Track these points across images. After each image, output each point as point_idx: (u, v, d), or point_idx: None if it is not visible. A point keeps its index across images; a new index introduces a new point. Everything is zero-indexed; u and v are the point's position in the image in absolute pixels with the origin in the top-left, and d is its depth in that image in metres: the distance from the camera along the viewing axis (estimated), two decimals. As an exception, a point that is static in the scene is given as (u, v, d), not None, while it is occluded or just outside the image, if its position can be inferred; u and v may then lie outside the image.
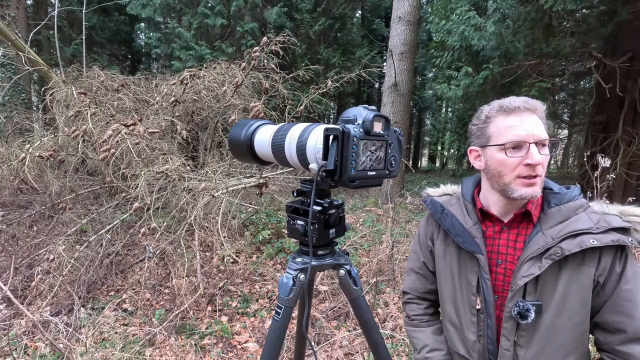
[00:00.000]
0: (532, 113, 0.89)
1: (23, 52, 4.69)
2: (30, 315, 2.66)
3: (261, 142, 1.04)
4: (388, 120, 0.90)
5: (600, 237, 0.80)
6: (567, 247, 0.81)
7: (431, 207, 1.07)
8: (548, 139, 0.88)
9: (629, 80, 5.36)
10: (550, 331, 0.85)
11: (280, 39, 3.74)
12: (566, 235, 0.83)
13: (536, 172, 0.86)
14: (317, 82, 4.26)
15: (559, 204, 0.89)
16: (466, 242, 0.96)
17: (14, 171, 3.54)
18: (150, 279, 3.39)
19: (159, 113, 4.09)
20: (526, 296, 0.87)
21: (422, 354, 1.09)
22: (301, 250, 1.06)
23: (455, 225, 0.99)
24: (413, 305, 1.17)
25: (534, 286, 0.86)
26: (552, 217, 0.88)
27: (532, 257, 0.85)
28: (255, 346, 2.67)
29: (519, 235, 0.92)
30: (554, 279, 0.84)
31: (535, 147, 0.86)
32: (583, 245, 0.80)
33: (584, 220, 0.84)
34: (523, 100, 0.90)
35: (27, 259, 3.51)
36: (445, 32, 6.19)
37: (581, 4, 4.89)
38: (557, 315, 0.84)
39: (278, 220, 4.55)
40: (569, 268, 0.83)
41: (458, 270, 0.99)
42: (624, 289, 0.80)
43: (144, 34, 13.90)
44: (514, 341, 0.89)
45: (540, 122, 0.89)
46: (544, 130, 0.88)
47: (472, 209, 1.00)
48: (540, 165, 0.86)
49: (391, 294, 3.34)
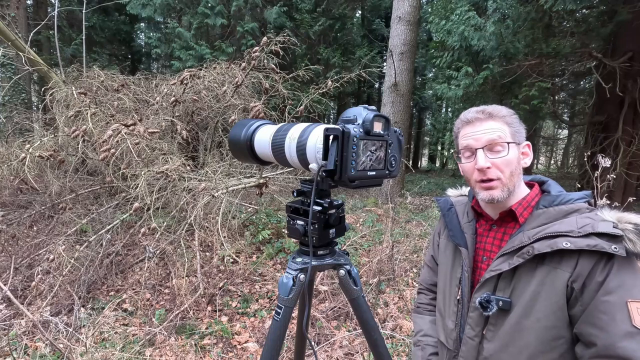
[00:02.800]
0: (488, 119, 0.92)
1: (23, 52, 4.70)
2: (30, 315, 2.66)
3: (261, 142, 1.04)
4: (388, 120, 0.90)
5: (576, 240, 0.77)
6: (538, 247, 0.80)
7: (441, 204, 1.12)
8: (500, 141, 0.89)
9: (629, 80, 5.36)
10: (515, 329, 0.84)
11: (280, 39, 3.74)
12: (542, 236, 0.82)
13: (487, 176, 0.89)
14: (317, 82, 4.26)
15: (548, 206, 0.88)
16: (455, 236, 1.02)
17: (14, 171, 3.54)
18: (150, 279, 3.39)
19: (159, 113, 4.09)
20: (496, 291, 0.87)
21: (416, 337, 1.18)
22: (301, 250, 1.06)
23: (453, 221, 1.06)
24: (422, 295, 1.25)
25: (508, 282, 0.86)
26: (537, 218, 0.88)
27: (505, 253, 0.86)
28: (255, 346, 2.67)
29: (505, 234, 0.94)
30: (528, 279, 0.83)
31: (482, 152, 0.90)
32: (554, 247, 0.78)
33: (568, 223, 0.82)
34: (479, 109, 0.94)
35: (27, 259, 3.51)
36: (445, 32, 6.20)
37: (581, 4, 4.89)
38: (524, 315, 0.83)
39: (278, 220, 4.55)
40: (544, 270, 0.81)
41: (452, 263, 1.03)
42: (602, 299, 0.75)
43: (144, 34, 13.92)
44: (481, 333, 0.91)
45: (499, 125, 0.90)
46: (499, 133, 0.89)
47: (470, 207, 1.05)
48: (492, 169, 0.89)
49: (391, 294, 3.34)
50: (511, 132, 0.91)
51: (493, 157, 0.90)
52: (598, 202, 2.14)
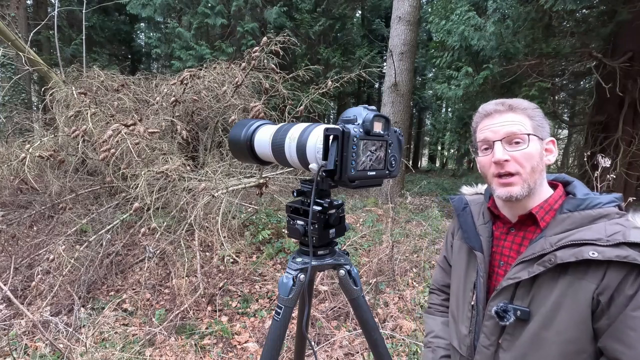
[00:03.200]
0: (508, 112, 0.87)
1: (23, 52, 4.69)
2: (30, 315, 2.66)
3: (261, 142, 1.04)
4: (388, 120, 0.90)
5: (604, 250, 0.71)
6: (561, 256, 0.75)
7: (455, 203, 1.07)
8: (520, 133, 0.83)
9: (629, 80, 5.36)
10: (534, 340, 0.80)
11: (280, 39, 3.74)
12: (566, 244, 0.76)
13: (505, 170, 0.84)
14: (317, 82, 4.26)
15: (573, 211, 0.81)
16: (469, 238, 0.97)
17: (14, 171, 3.54)
18: (150, 279, 3.39)
19: (159, 113, 4.09)
20: (514, 300, 0.83)
21: (427, 338, 1.15)
22: (301, 250, 1.06)
23: (467, 222, 1.00)
24: (434, 296, 1.21)
25: (527, 291, 0.81)
26: (560, 223, 0.81)
27: (525, 261, 0.81)
28: (255, 346, 2.67)
29: (524, 239, 0.89)
30: (549, 288, 0.78)
31: (500, 144, 0.85)
32: (579, 256, 0.72)
33: (596, 231, 0.75)
34: (499, 101, 0.89)
35: (27, 259, 3.51)
36: (445, 32, 6.19)
37: (581, 4, 4.89)
38: (544, 326, 0.78)
39: (278, 220, 4.55)
40: (567, 280, 0.76)
41: (466, 266, 0.99)
42: (632, 315, 0.69)
43: (144, 34, 13.91)
44: (496, 342, 0.87)
45: (519, 118, 0.86)
46: (519, 126, 0.84)
47: (486, 208, 1.00)
48: (511, 162, 0.84)
49: (391, 294, 3.34)
50: (533, 125, 0.86)
51: (512, 150, 0.84)
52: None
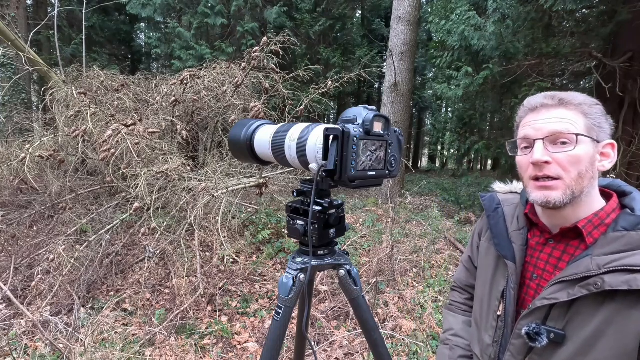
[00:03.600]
0: (558, 107, 0.77)
1: (23, 52, 4.69)
2: (30, 315, 2.66)
3: (261, 142, 1.04)
4: (388, 120, 0.90)
5: None
6: (610, 282, 0.66)
7: (486, 202, 0.99)
8: (567, 132, 0.73)
9: (629, 80, 5.35)
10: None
11: (280, 39, 3.74)
12: (617, 268, 0.66)
13: (544, 173, 0.75)
14: (317, 82, 4.26)
15: (630, 230, 0.70)
16: (501, 245, 0.89)
17: (14, 171, 3.54)
18: (150, 279, 3.39)
19: (159, 113, 4.09)
20: (548, 321, 0.75)
21: (445, 335, 1.10)
22: (301, 250, 1.06)
23: (499, 225, 0.92)
24: (456, 294, 1.16)
25: (563, 313, 0.73)
26: (611, 242, 0.70)
27: (565, 281, 0.72)
28: (255, 346, 2.67)
29: (564, 253, 0.79)
30: (590, 313, 0.69)
31: (541, 143, 0.75)
32: (633, 285, 0.63)
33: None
34: (549, 94, 0.79)
35: (27, 259, 3.51)
36: (445, 32, 6.19)
37: (581, 4, 4.89)
38: (580, 354, 0.70)
39: (278, 220, 4.55)
40: (614, 307, 0.67)
41: (494, 271, 0.92)
42: None
43: (144, 34, 13.91)
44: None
45: (571, 115, 0.75)
46: (568, 124, 0.74)
47: (522, 213, 0.91)
48: (552, 165, 0.74)
49: (391, 294, 3.34)
50: (587, 124, 0.75)
51: (555, 151, 0.74)
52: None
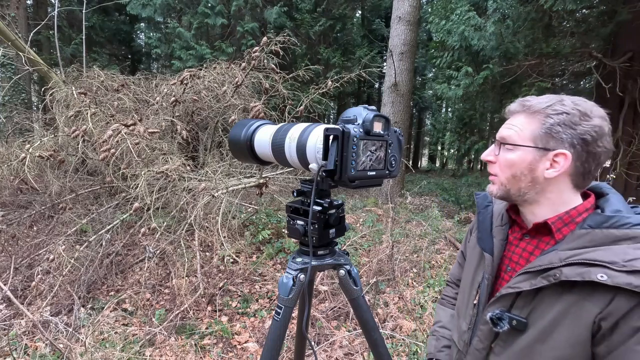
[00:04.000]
0: (521, 113, 0.84)
1: (23, 52, 4.69)
2: (30, 315, 2.66)
3: (261, 142, 1.04)
4: (388, 120, 0.90)
5: (617, 275, 0.65)
6: (567, 273, 0.70)
7: (479, 200, 1.06)
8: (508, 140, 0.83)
9: (629, 80, 5.35)
10: (526, 352, 0.78)
11: (280, 39, 3.74)
12: (576, 261, 0.71)
13: (489, 169, 0.88)
14: (317, 82, 4.26)
15: (595, 227, 0.74)
16: (482, 239, 0.95)
17: (14, 171, 3.54)
18: (150, 279, 3.39)
19: (159, 113, 4.10)
20: (513, 308, 0.81)
21: (434, 327, 1.20)
22: (301, 250, 1.06)
23: (486, 221, 0.98)
24: (448, 288, 1.23)
25: (528, 302, 0.78)
26: (577, 238, 0.75)
27: (530, 271, 0.78)
28: (255, 346, 2.67)
29: (537, 248, 0.85)
30: (550, 303, 0.75)
31: (494, 145, 0.87)
32: (586, 277, 0.67)
33: (614, 253, 0.69)
34: (522, 100, 0.87)
35: (27, 259, 3.51)
36: (445, 32, 6.19)
37: (581, 4, 4.88)
38: (538, 340, 0.76)
39: (278, 220, 4.55)
40: (571, 298, 0.72)
41: (476, 265, 0.98)
42: (634, 348, 0.65)
43: (144, 34, 13.91)
44: (489, 346, 0.86)
45: (524, 122, 0.82)
46: (513, 132, 0.83)
47: (505, 210, 0.98)
48: (495, 165, 0.86)
49: (391, 294, 3.34)
50: (536, 132, 0.79)
51: (499, 154, 0.85)
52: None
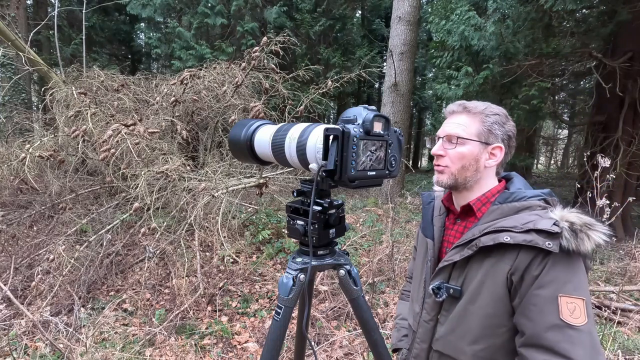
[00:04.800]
0: (462, 113, 0.98)
1: (23, 52, 4.69)
2: (30, 315, 2.66)
3: (261, 142, 1.04)
4: (388, 120, 0.90)
5: (516, 235, 0.81)
6: (483, 240, 0.86)
7: (424, 198, 1.18)
8: (456, 135, 0.95)
9: (629, 80, 5.36)
10: (462, 314, 0.91)
11: (280, 39, 3.74)
12: (489, 230, 0.86)
13: (437, 162, 0.99)
14: (317, 82, 4.26)
15: (502, 203, 0.92)
16: (425, 229, 1.09)
17: (14, 171, 3.54)
18: (150, 279, 3.39)
19: (159, 113, 4.10)
20: (450, 280, 0.94)
21: (395, 320, 1.31)
22: (301, 250, 1.06)
23: (427, 214, 1.12)
24: (407, 283, 1.34)
25: (461, 272, 0.92)
26: (491, 213, 0.92)
27: (458, 245, 0.92)
28: (255, 346, 2.67)
29: (465, 228, 0.99)
30: (476, 269, 0.89)
31: (440, 141, 0.98)
32: (496, 240, 0.83)
33: (515, 220, 0.86)
34: (460, 103, 1.00)
35: (27, 259, 3.51)
36: (445, 32, 6.19)
37: (581, 4, 4.88)
38: (470, 302, 0.89)
39: (278, 220, 4.55)
40: (489, 262, 0.86)
41: (424, 253, 1.08)
42: (534, 293, 0.79)
43: (144, 34, 13.90)
44: (435, 317, 0.98)
45: (467, 121, 0.95)
46: (459, 129, 0.95)
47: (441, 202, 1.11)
48: (444, 158, 0.96)
49: (391, 294, 3.34)
50: (479, 129, 0.94)
51: (448, 148, 0.96)
52: (597, 203, 2.14)
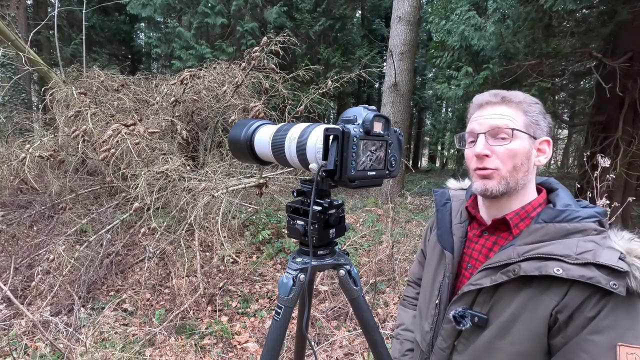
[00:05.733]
0: (501, 104, 0.83)
1: (23, 52, 4.69)
2: (30, 315, 2.66)
3: (261, 142, 1.04)
4: (388, 120, 0.90)
5: (570, 268, 0.67)
6: (525, 268, 0.72)
7: (437, 197, 1.05)
8: (505, 127, 0.80)
9: (629, 80, 5.35)
10: (487, 347, 0.78)
11: (280, 39, 3.74)
12: (533, 256, 0.72)
13: (484, 165, 0.81)
14: (317, 82, 4.26)
15: (548, 222, 0.76)
16: (442, 237, 0.95)
17: (14, 171, 3.54)
18: (150, 279, 3.40)
19: (159, 113, 4.10)
20: (474, 305, 0.81)
21: (397, 330, 1.18)
22: (301, 250, 1.06)
23: (444, 219, 0.98)
24: (409, 288, 1.21)
25: (488, 298, 0.79)
26: (532, 233, 0.77)
27: (490, 268, 0.78)
28: (255, 346, 2.67)
29: (495, 244, 0.86)
30: (509, 299, 0.76)
31: (483, 137, 0.82)
32: (543, 271, 0.69)
33: (567, 246, 0.71)
34: (494, 92, 0.86)
35: (27, 259, 3.51)
36: (445, 32, 6.19)
37: (581, 4, 4.88)
38: (498, 336, 0.76)
39: (278, 220, 4.55)
40: (529, 292, 0.73)
41: (437, 264, 0.97)
42: (587, 338, 0.66)
43: (144, 34, 13.90)
44: (452, 345, 0.86)
45: (511, 112, 0.82)
46: (507, 120, 0.80)
47: (464, 207, 0.98)
48: (492, 158, 0.80)
49: (391, 294, 3.34)
50: (525, 121, 0.81)
51: (495, 145, 0.81)
52: (597, 203, 2.14)
